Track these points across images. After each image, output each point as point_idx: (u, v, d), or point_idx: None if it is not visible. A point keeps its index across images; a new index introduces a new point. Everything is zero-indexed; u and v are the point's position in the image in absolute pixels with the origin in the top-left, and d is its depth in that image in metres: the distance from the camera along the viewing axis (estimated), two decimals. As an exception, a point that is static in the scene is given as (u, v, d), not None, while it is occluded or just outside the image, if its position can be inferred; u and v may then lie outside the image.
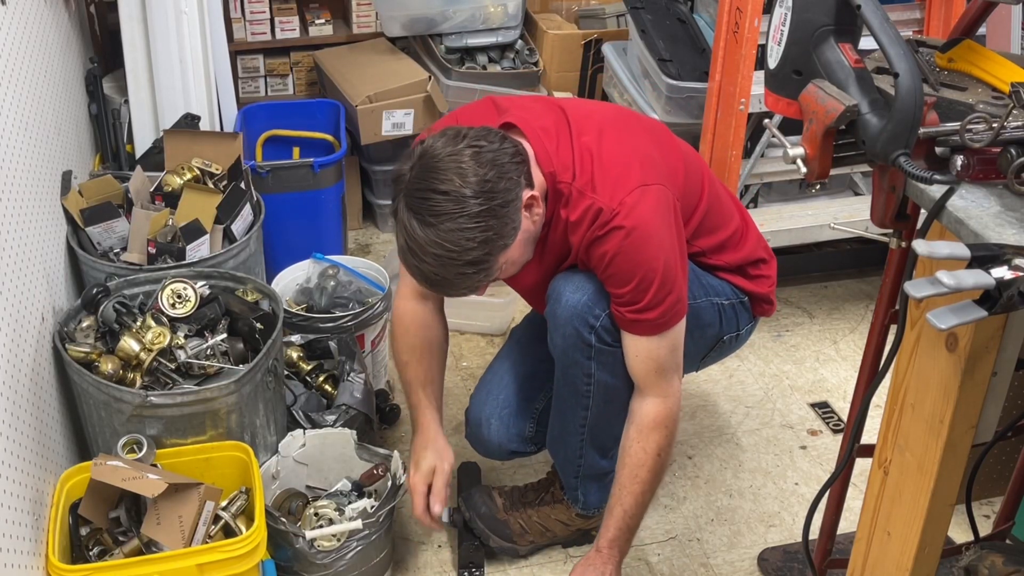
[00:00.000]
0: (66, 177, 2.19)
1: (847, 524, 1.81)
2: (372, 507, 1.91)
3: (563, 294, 1.74)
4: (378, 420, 2.30)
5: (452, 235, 1.52)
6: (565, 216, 1.67)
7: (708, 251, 1.87)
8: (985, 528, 1.93)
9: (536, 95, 1.95)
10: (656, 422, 1.76)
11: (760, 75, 2.36)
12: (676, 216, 1.69)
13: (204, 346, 1.89)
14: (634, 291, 1.65)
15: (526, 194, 1.60)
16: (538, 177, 1.65)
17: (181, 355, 1.86)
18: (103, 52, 3.07)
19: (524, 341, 2.05)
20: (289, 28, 3.35)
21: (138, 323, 1.88)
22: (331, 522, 1.92)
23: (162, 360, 1.85)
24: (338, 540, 1.85)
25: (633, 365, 1.75)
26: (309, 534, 1.82)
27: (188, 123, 2.57)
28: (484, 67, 3.20)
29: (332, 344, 2.20)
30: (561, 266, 1.78)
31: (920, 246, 1.01)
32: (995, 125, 1.13)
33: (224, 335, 1.92)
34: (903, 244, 1.42)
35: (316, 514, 1.94)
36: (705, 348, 1.96)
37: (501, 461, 2.18)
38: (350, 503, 1.96)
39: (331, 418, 2.05)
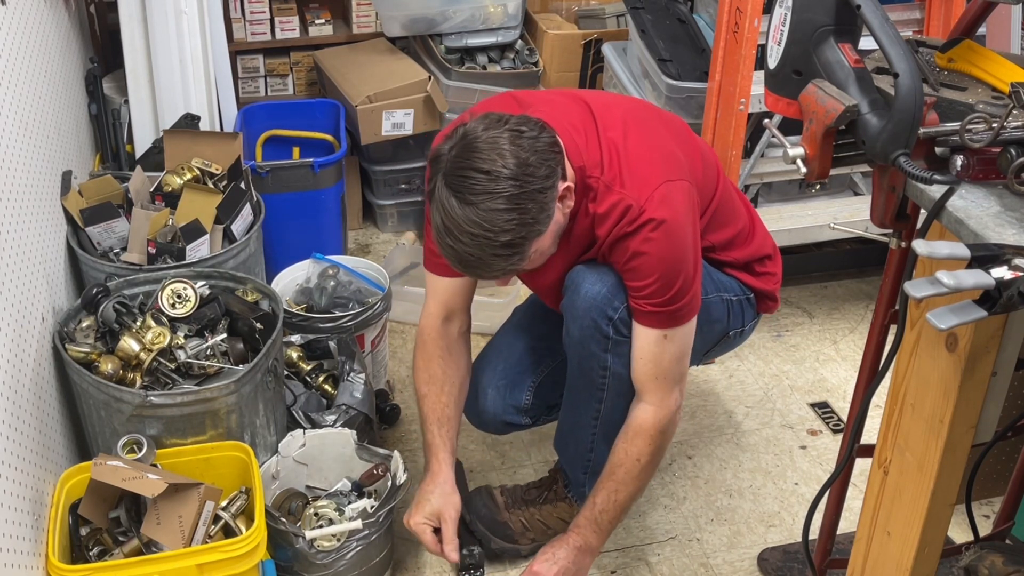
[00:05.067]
0: (66, 177, 2.19)
1: (847, 524, 1.81)
2: (372, 507, 1.91)
3: (581, 286, 1.75)
4: (378, 420, 2.30)
5: (490, 214, 1.53)
6: (592, 210, 1.68)
7: (718, 246, 1.89)
8: (985, 528, 1.93)
9: (556, 89, 1.97)
10: (642, 428, 1.77)
11: (760, 75, 2.36)
12: (696, 211, 1.72)
13: (204, 346, 1.89)
14: (657, 283, 1.66)
15: (561, 185, 1.61)
16: (569, 171, 1.66)
17: (181, 355, 1.86)
18: (103, 52, 3.07)
19: (526, 320, 2.07)
20: (289, 28, 3.35)
21: (138, 323, 1.88)
22: (331, 522, 1.92)
23: (162, 360, 1.85)
24: (338, 540, 1.85)
25: (636, 367, 1.75)
26: (309, 534, 1.82)
27: (188, 123, 2.57)
28: (484, 67, 3.20)
29: (332, 344, 2.20)
30: (582, 258, 1.78)
31: (920, 246, 1.01)
32: (995, 125, 1.13)
33: (224, 335, 1.91)
34: (903, 244, 1.42)
35: (316, 514, 1.94)
36: (711, 343, 1.97)
37: (496, 435, 2.17)
38: (350, 503, 1.96)
39: (331, 418, 2.05)
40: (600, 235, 1.69)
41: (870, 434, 1.50)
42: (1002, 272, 1.00)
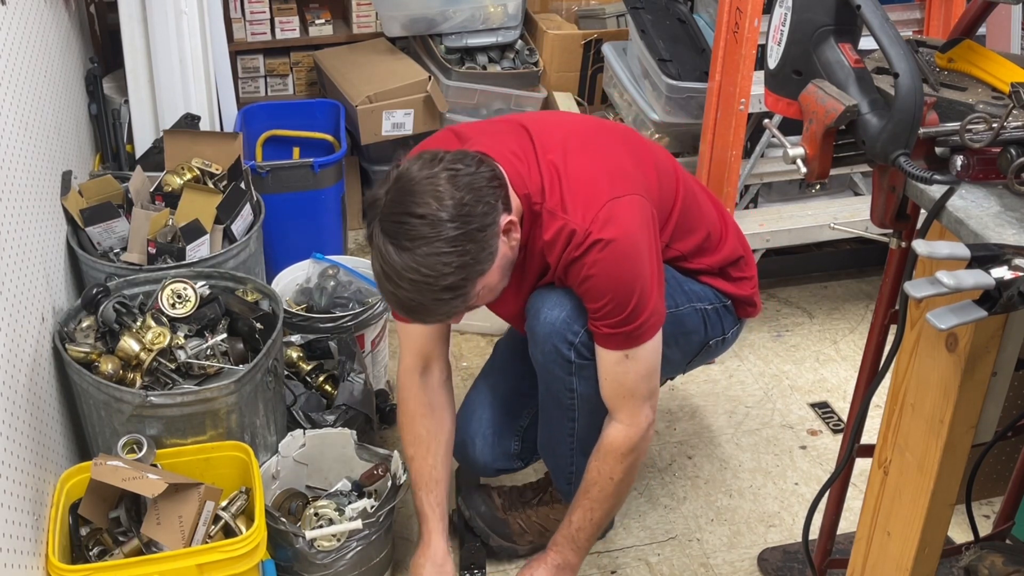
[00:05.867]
0: (66, 177, 2.19)
1: (847, 524, 1.81)
2: (372, 507, 1.91)
3: (541, 311, 1.72)
4: (378, 420, 2.30)
5: (428, 260, 1.48)
6: (540, 236, 1.65)
7: (687, 255, 1.85)
8: (985, 528, 1.93)
9: (496, 117, 1.88)
10: (613, 446, 1.75)
11: (760, 75, 2.36)
12: (651, 224, 1.67)
13: (204, 346, 1.89)
14: (610, 304, 1.63)
15: (504, 219, 1.57)
16: (515, 201, 1.62)
17: (181, 355, 1.86)
18: (103, 52, 3.07)
19: (507, 357, 2.04)
20: (289, 28, 3.35)
21: (138, 323, 1.88)
22: (331, 522, 1.92)
23: (162, 360, 1.85)
24: (338, 540, 1.85)
25: (603, 387, 1.73)
26: (309, 534, 1.82)
27: (188, 123, 2.57)
28: (484, 67, 3.20)
29: (332, 344, 2.20)
30: (540, 282, 1.76)
31: (920, 246, 1.01)
32: (995, 125, 1.13)
33: (224, 335, 1.92)
34: (903, 244, 1.42)
35: (316, 514, 1.94)
36: (691, 354, 1.95)
37: (488, 478, 2.16)
38: (350, 503, 1.96)
39: (331, 418, 2.05)
40: (551, 262, 1.67)
41: (870, 434, 1.50)
42: (1002, 272, 1.00)
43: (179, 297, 1.92)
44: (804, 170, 1.24)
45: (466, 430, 1.98)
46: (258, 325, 1.94)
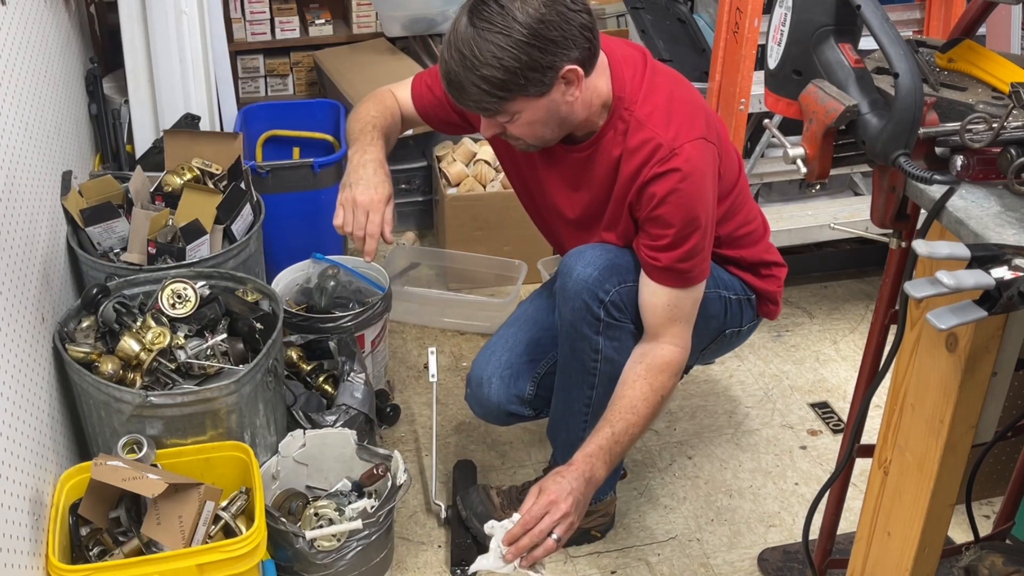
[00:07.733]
0: (66, 177, 2.19)
1: (847, 524, 1.81)
2: (372, 507, 1.91)
3: (574, 269, 1.77)
4: (378, 420, 2.30)
5: (484, 45, 1.55)
6: (622, 143, 1.70)
7: (724, 240, 1.89)
8: (985, 528, 1.93)
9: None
10: (667, 364, 1.77)
11: (760, 75, 2.36)
12: (717, 183, 1.74)
13: (204, 346, 1.89)
14: (674, 235, 1.68)
15: (569, 66, 1.60)
16: (603, 85, 1.69)
17: (181, 355, 1.86)
18: (103, 52, 3.07)
19: (530, 311, 2.07)
20: (289, 28, 3.36)
21: (138, 323, 1.88)
22: (331, 522, 1.92)
23: (162, 360, 1.85)
24: (338, 540, 1.85)
25: (654, 312, 1.76)
26: (309, 534, 1.82)
27: (188, 123, 2.57)
28: (484, 67, 3.20)
29: (332, 344, 2.20)
30: (598, 213, 1.80)
31: (920, 246, 1.01)
32: (995, 125, 1.13)
33: (224, 335, 1.91)
34: (903, 244, 1.42)
35: (316, 514, 1.94)
36: (707, 340, 1.97)
37: (499, 425, 2.16)
38: (350, 503, 1.96)
39: (331, 418, 2.05)
40: (626, 173, 1.71)
41: (870, 434, 1.50)
42: (1002, 272, 1.00)
43: (179, 297, 1.91)
44: (804, 170, 1.24)
45: (483, 370, 2.00)
46: (258, 325, 1.94)
